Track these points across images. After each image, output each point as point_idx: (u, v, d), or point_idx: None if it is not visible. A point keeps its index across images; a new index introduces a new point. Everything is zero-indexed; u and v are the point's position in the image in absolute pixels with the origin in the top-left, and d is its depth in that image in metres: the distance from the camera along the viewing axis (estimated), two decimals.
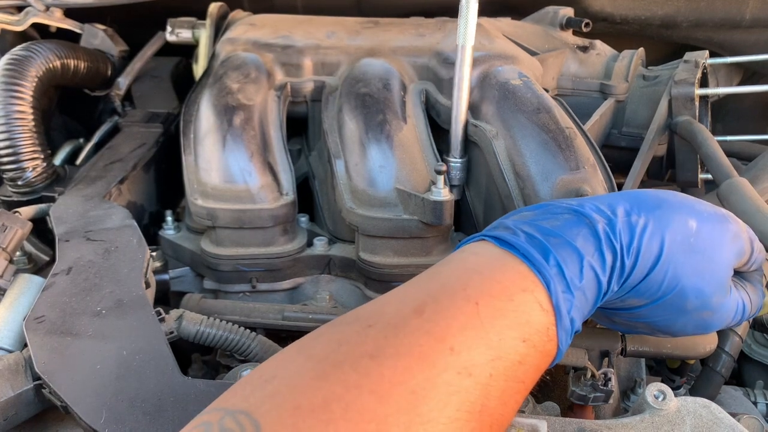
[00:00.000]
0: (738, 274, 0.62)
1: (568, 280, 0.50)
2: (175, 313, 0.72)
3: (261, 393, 0.42)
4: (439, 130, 0.90)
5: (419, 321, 0.45)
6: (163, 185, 1.05)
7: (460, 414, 0.42)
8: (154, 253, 0.86)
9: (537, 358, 0.48)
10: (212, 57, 1.02)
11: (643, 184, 1.00)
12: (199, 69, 1.16)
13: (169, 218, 0.96)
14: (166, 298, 0.91)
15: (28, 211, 0.84)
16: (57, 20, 1.14)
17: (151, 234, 0.98)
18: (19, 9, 1.12)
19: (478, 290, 0.48)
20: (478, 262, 0.51)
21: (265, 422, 0.40)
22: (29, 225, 0.78)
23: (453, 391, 0.43)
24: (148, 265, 0.74)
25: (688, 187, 0.99)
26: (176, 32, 1.17)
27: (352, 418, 0.39)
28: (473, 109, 0.87)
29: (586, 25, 1.04)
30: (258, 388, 0.43)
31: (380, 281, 0.86)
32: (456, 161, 0.87)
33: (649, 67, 1.08)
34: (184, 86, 1.12)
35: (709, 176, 0.89)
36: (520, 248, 0.51)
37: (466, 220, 0.93)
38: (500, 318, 0.47)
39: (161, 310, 0.69)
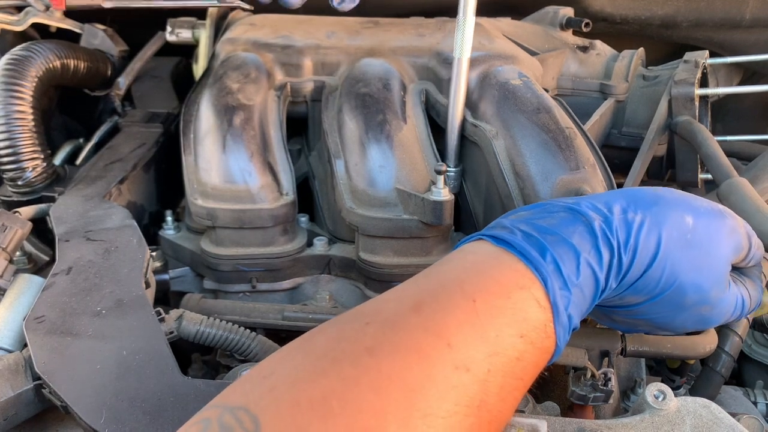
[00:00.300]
0: (737, 269, 0.62)
1: (565, 277, 0.50)
2: (175, 313, 0.72)
3: (260, 389, 0.42)
4: (439, 130, 0.90)
5: (417, 318, 0.46)
6: (163, 185, 1.05)
7: (459, 408, 0.43)
8: (154, 253, 0.86)
9: (535, 355, 0.48)
10: (212, 57, 1.02)
11: (643, 184, 1.00)
12: (199, 69, 1.16)
13: (169, 218, 0.96)
14: (166, 298, 0.91)
15: (28, 211, 0.84)
16: (57, 20, 1.13)
17: (151, 234, 0.98)
18: (19, 9, 1.12)
19: (476, 288, 0.48)
20: (476, 260, 0.52)
21: (264, 418, 0.40)
22: (29, 225, 0.78)
23: (451, 386, 0.43)
24: (148, 265, 0.74)
25: (688, 187, 0.99)
26: (176, 32, 1.17)
27: (350, 412, 0.40)
28: (473, 108, 0.87)
29: (586, 25, 1.04)
30: (257, 384, 0.43)
31: (380, 281, 0.86)
32: (450, 170, 0.88)
33: (649, 67, 1.08)
34: (184, 86, 1.12)
35: (709, 176, 0.89)
36: (517, 246, 0.51)
37: (466, 220, 0.93)
38: (498, 315, 0.47)
39: (161, 310, 0.69)
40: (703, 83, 1.01)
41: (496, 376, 0.45)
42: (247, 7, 0.86)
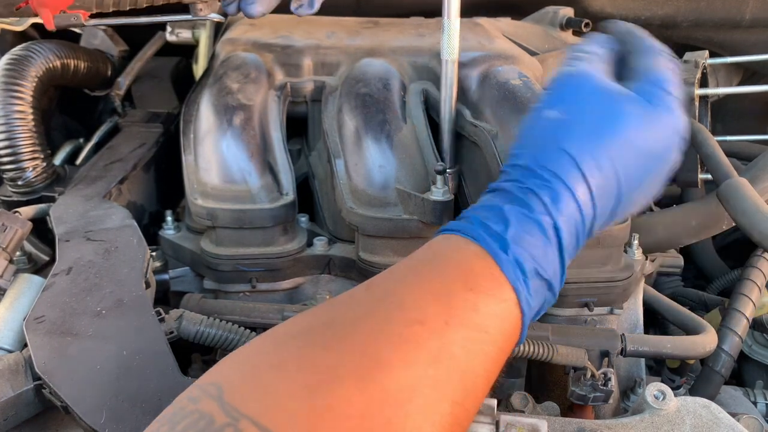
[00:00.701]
0: (627, 80, 0.61)
1: (493, 228, 0.52)
2: (175, 313, 0.72)
3: (226, 366, 0.46)
4: (439, 130, 0.90)
5: (368, 293, 0.50)
6: (163, 185, 1.05)
7: (418, 357, 0.44)
8: (154, 253, 0.86)
9: (493, 304, 0.49)
10: (212, 57, 1.02)
11: None
12: (199, 69, 1.16)
13: (169, 218, 0.96)
14: (166, 298, 0.91)
15: (28, 211, 0.84)
16: None
17: (151, 234, 0.98)
18: None
19: (419, 261, 0.52)
20: (420, 249, 0.55)
21: (226, 383, 0.43)
22: (29, 225, 0.78)
23: (405, 338, 0.44)
24: (148, 265, 0.74)
25: (688, 187, 1.00)
26: (176, 32, 1.17)
27: (306, 369, 0.42)
28: (473, 108, 0.87)
29: (586, 25, 1.04)
30: (225, 364, 0.46)
31: None
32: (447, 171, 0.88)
33: None
34: (184, 86, 1.12)
35: (709, 176, 0.89)
36: (451, 226, 0.54)
37: None
38: (442, 274, 0.50)
39: (161, 310, 0.69)
40: (703, 83, 1.01)
41: (456, 327, 0.46)
42: (219, 18, 0.88)
